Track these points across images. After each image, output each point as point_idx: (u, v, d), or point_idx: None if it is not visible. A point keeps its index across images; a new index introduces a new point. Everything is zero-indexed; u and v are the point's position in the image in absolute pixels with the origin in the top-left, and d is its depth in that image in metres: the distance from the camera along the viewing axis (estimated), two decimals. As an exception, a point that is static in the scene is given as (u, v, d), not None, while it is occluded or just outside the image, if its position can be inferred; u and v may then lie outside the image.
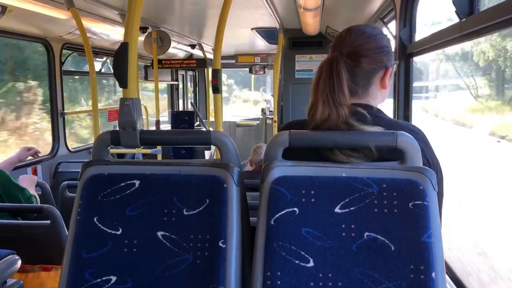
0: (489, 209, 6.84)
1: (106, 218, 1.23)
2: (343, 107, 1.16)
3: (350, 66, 1.21)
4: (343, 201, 1.14)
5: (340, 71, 1.17)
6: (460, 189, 7.50)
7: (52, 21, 3.64)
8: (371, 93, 1.27)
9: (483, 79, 13.32)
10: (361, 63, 1.22)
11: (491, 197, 7.32)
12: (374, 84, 1.27)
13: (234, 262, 1.17)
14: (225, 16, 2.46)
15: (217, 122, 2.61)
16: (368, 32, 1.25)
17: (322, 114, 1.17)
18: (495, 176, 8.55)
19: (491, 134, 11.62)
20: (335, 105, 1.16)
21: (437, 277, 1.07)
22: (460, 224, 6.32)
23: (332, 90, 1.16)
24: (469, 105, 13.85)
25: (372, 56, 1.23)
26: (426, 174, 1.13)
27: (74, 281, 1.19)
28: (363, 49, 1.22)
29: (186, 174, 1.25)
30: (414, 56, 2.24)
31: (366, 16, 3.56)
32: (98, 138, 1.31)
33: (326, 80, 1.17)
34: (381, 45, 1.25)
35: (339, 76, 1.17)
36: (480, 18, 1.41)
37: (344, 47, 1.22)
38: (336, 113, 1.16)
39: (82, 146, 5.03)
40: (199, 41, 6.21)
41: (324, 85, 1.17)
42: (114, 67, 1.30)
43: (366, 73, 1.24)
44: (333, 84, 1.16)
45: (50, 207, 2.30)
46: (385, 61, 1.25)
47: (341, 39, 1.25)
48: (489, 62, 12.26)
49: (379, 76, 1.26)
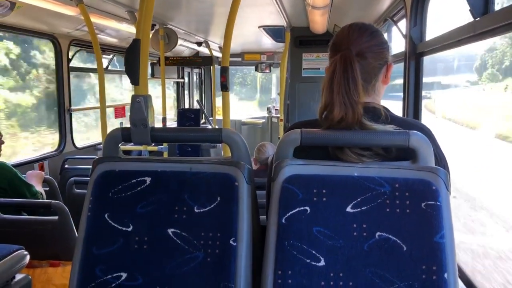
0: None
1: (117, 214, 1.23)
2: (358, 106, 1.16)
3: (360, 64, 1.20)
4: (354, 200, 1.13)
5: (355, 69, 1.17)
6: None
7: (60, 18, 3.65)
8: (376, 90, 1.28)
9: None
10: (369, 60, 1.22)
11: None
12: (379, 80, 1.27)
13: (244, 260, 1.17)
14: (234, 14, 2.46)
15: (225, 120, 2.60)
16: (369, 29, 1.25)
17: (338, 114, 1.16)
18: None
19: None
20: (351, 104, 1.15)
21: (449, 278, 1.07)
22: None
23: (348, 90, 1.16)
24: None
25: (377, 52, 1.23)
26: (439, 174, 1.12)
27: (85, 277, 1.19)
28: (370, 45, 1.22)
29: (197, 172, 1.24)
30: (425, 55, 2.22)
31: (375, 14, 3.54)
32: (109, 134, 1.31)
33: (341, 79, 1.16)
34: (383, 40, 1.26)
35: (354, 75, 1.16)
36: (495, 17, 1.39)
37: (351, 45, 1.21)
38: (352, 113, 1.15)
39: (89, 143, 5.04)
40: (206, 39, 6.20)
41: (339, 85, 1.17)
42: (126, 64, 1.30)
43: (374, 70, 1.24)
44: (349, 84, 1.16)
45: (58, 203, 2.31)
46: (387, 57, 1.26)
47: (346, 37, 1.24)
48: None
49: (383, 72, 1.27)
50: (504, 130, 8.31)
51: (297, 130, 1.18)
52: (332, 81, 1.18)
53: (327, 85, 1.19)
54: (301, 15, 4.28)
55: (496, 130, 8.46)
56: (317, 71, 5.17)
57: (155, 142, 1.32)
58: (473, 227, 5.51)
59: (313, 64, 5.21)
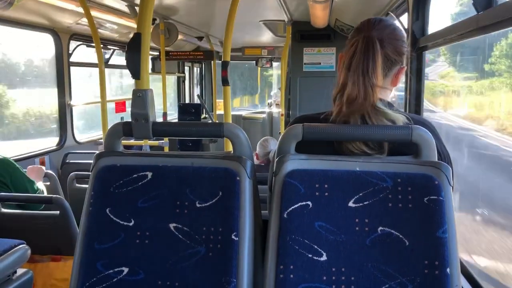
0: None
1: (118, 209, 1.22)
2: (374, 88, 1.16)
3: (381, 48, 1.20)
4: (357, 195, 1.13)
5: (377, 51, 1.17)
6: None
7: (60, 11, 3.63)
8: (386, 85, 1.27)
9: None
10: (388, 50, 1.21)
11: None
12: (390, 77, 1.26)
13: (246, 255, 1.17)
14: (235, 8, 2.45)
15: (226, 115, 2.59)
16: (393, 24, 1.27)
17: (351, 94, 1.16)
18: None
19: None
20: (364, 85, 1.16)
21: (452, 273, 1.06)
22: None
23: (366, 71, 1.16)
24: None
25: (397, 46, 1.23)
26: (442, 169, 1.12)
27: (86, 272, 1.19)
28: (391, 37, 1.22)
29: (199, 167, 1.24)
30: (427, 49, 2.21)
31: (377, 8, 3.51)
32: (111, 129, 1.30)
33: (361, 59, 1.17)
34: (404, 39, 1.27)
35: (375, 56, 1.17)
36: (498, 11, 1.38)
37: (374, 30, 1.21)
38: (364, 94, 1.16)
39: (89, 137, 5.04)
40: (207, 33, 6.18)
41: (357, 64, 1.17)
42: (127, 58, 1.29)
43: (388, 63, 1.23)
44: (368, 64, 1.16)
45: (59, 198, 2.31)
46: (404, 56, 1.26)
47: (370, 24, 1.24)
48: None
49: (395, 71, 1.26)
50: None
51: (299, 124, 1.18)
52: (351, 62, 1.18)
53: (346, 64, 1.19)
54: (302, 9, 4.26)
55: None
56: (318, 66, 5.15)
57: (156, 137, 1.31)
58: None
59: (314, 59, 5.18)
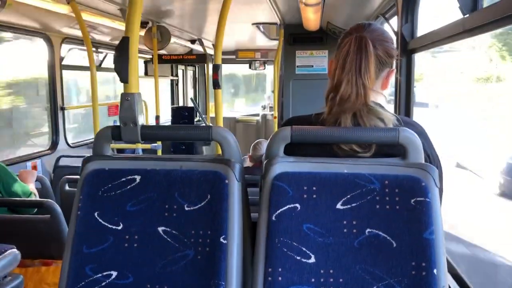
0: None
1: (107, 213, 1.22)
2: (365, 88, 1.18)
3: (373, 49, 1.22)
4: (344, 197, 1.14)
5: (369, 49, 1.19)
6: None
7: (52, 15, 3.62)
8: (377, 87, 1.28)
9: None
10: (379, 51, 1.23)
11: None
12: (381, 79, 1.28)
13: (235, 258, 1.17)
14: (226, 11, 2.45)
15: (217, 118, 2.60)
16: (382, 28, 1.31)
17: (345, 92, 1.18)
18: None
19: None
20: (357, 83, 1.18)
21: (439, 274, 1.07)
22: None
23: (359, 70, 1.18)
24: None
25: (387, 48, 1.25)
26: (428, 171, 1.13)
27: (75, 276, 1.19)
28: (381, 38, 1.25)
29: (187, 170, 1.24)
30: (416, 52, 2.23)
31: (367, 11, 3.54)
32: (99, 133, 1.30)
33: (353, 58, 1.19)
34: (393, 42, 1.29)
35: (368, 54, 1.19)
36: (483, 14, 1.40)
37: (366, 32, 1.23)
38: (357, 92, 1.18)
39: (82, 141, 5.02)
40: (200, 36, 6.18)
41: (351, 64, 1.19)
42: (115, 62, 1.29)
43: (379, 64, 1.25)
44: (361, 63, 1.18)
45: (50, 201, 2.30)
46: (393, 59, 1.28)
47: (360, 27, 1.27)
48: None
49: (385, 73, 1.28)
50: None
51: (288, 127, 1.19)
52: (345, 61, 1.19)
53: (340, 64, 1.20)
54: (294, 12, 4.27)
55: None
56: (310, 68, 5.16)
57: (146, 140, 1.31)
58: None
59: (307, 61, 5.19)
